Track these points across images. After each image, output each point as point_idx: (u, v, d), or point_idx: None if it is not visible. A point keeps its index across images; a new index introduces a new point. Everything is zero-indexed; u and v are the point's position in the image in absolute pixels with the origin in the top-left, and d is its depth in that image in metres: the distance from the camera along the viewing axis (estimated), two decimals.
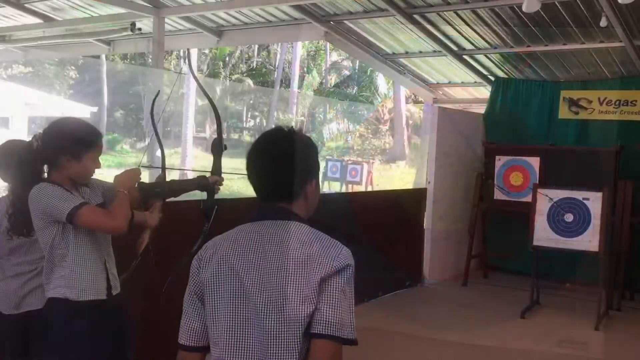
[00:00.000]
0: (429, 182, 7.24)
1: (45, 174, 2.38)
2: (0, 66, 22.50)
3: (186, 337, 1.65)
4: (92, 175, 2.44)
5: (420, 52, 8.12)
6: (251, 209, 1.71)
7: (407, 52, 8.26)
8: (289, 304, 1.52)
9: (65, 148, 2.30)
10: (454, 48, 7.70)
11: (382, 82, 25.59)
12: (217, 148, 3.05)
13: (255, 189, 1.68)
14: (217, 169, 3.01)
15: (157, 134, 3.19)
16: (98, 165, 2.42)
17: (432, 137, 7.27)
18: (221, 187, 3.00)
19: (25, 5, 8.75)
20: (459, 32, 7.22)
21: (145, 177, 2.90)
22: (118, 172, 2.56)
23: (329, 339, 1.51)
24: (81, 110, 18.18)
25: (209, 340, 1.64)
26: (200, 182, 2.92)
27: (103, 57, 22.48)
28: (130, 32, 8.34)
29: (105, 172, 2.79)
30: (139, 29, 8.30)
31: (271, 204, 1.65)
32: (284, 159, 1.63)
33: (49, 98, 16.25)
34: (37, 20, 9.15)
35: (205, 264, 1.62)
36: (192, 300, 1.65)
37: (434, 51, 7.91)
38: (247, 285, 1.56)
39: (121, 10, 8.08)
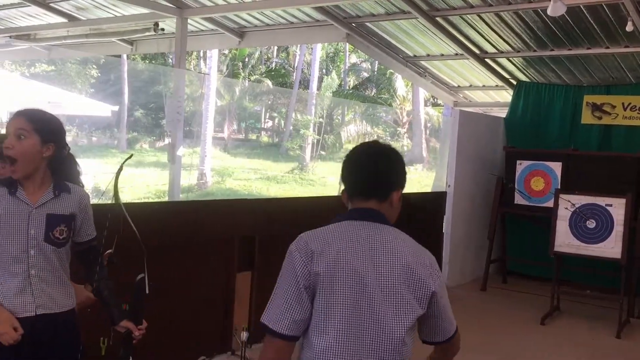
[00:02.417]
0: (448, 186, 7.21)
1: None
2: (24, 64, 22.83)
3: (288, 327, 1.72)
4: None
5: (442, 54, 8.09)
6: (272, 206, 1.72)
7: (428, 55, 8.23)
8: (403, 300, 1.73)
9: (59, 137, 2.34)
10: (476, 51, 7.66)
11: (401, 85, 25.52)
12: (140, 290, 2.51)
13: (350, 187, 1.89)
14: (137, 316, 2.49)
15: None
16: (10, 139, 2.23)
17: (453, 140, 7.24)
18: (240, 187, 2.85)
19: (51, 4, 8.87)
20: (482, 35, 7.19)
21: (165, 177, 2.89)
22: (138, 171, 2.51)
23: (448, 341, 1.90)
24: (102, 109, 18.36)
25: (309, 330, 1.74)
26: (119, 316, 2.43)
27: (124, 56, 22.69)
28: (153, 32, 8.41)
29: (126, 171, 2.77)
30: (162, 29, 8.37)
31: (364, 205, 1.84)
32: (383, 164, 1.88)
33: (71, 96, 16.41)
34: (61, 20, 9.27)
35: (319, 257, 1.73)
36: (300, 293, 1.72)
37: (456, 54, 7.87)
38: (366, 280, 1.72)
39: (144, 11, 8.16)
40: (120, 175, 2.59)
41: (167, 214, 4.39)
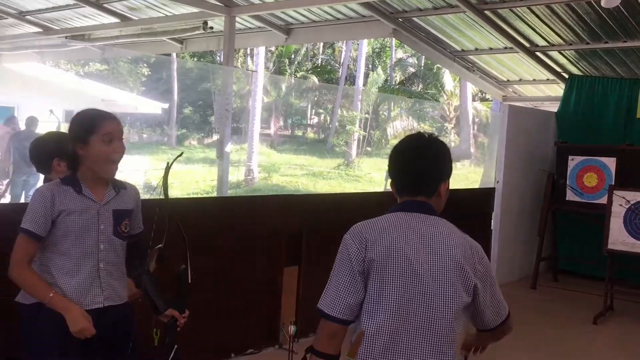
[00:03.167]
0: (497, 182, 7.10)
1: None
2: (79, 64, 23.57)
3: (343, 311, 1.82)
4: (111, 160, 2.33)
5: (491, 48, 7.96)
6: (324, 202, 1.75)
7: (476, 49, 8.12)
8: (453, 287, 1.81)
9: (75, 136, 2.32)
10: (526, 45, 7.51)
11: (448, 80, 25.20)
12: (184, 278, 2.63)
13: (398, 183, 1.96)
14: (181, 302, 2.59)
15: None
16: (117, 149, 2.33)
17: (502, 135, 7.11)
18: (286, 183, 2.87)
19: (104, 5, 9.14)
20: (532, 28, 7.04)
21: (214, 173, 2.94)
22: (187, 167, 2.59)
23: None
24: (153, 107, 18.82)
25: (360, 314, 1.84)
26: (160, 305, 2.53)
27: (174, 55, 23.16)
28: (202, 31, 8.57)
29: (176, 167, 2.84)
30: (211, 28, 8.52)
31: (414, 198, 1.91)
32: (429, 160, 1.93)
33: (123, 95, 16.89)
34: (114, 20, 9.54)
35: (373, 245, 1.83)
36: (354, 278, 1.83)
37: (505, 48, 7.74)
38: (418, 268, 1.81)
39: (194, 10, 8.32)
40: (169, 172, 2.68)
41: (217, 209, 4.49)
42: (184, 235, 2.63)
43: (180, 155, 2.92)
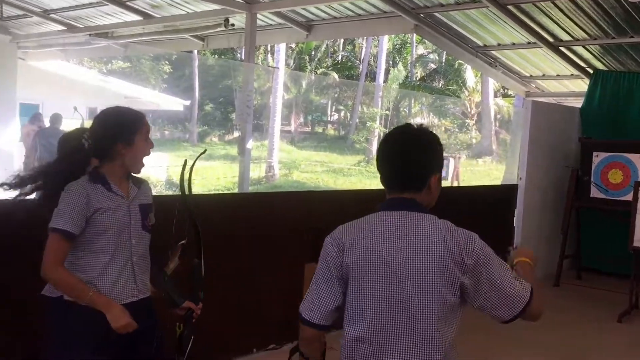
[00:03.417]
0: (520, 179, 7.03)
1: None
2: (101, 61, 23.84)
3: (320, 317, 1.79)
4: (146, 156, 2.42)
5: (514, 44, 7.88)
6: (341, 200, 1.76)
7: (499, 44, 8.05)
8: (435, 289, 1.68)
9: (117, 136, 2.33)
10: (550, 39, 7.42)
11: (470, 76, 24.99)
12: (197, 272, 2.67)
13: (384, 179, 1.84)
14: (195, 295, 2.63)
15: None
16: (151, 145, 2.43)
17: (525, 131, 7.04)
18: (307, 180, 2.88)
19: (127, 3, 9.23)
20: (556, 23, 6.95)
21: (234, 170, 2.98)
22: (208, 163, 2.61)
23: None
24: (175, 104, 18.98)
25: (342, 320, 1.78)
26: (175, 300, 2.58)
27: (195, 52, 23.32)
28: (223, 28, 8.61)
29: (197, 164, 2.89)
30: (232, 25, 8.56)
31: (400, 195, 1.79)
32: (415, 153, 1.80)
33: (145, 92, 17.05)
34: (137, 18, 9.62)
35: (350, 250, 1.75)
36: (332, 283, 1.77)
37: (528, 43, 7.66)
38: (397, 270, 1.71)
39: (215, 7, 8.37)
40: (193, 169, 2.71)
41: (239, 205, 4.52)
42: (198, 229, 2.66)
43: (204, 152, 2.95)
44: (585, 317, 5.81)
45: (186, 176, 2.66)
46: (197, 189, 15.32)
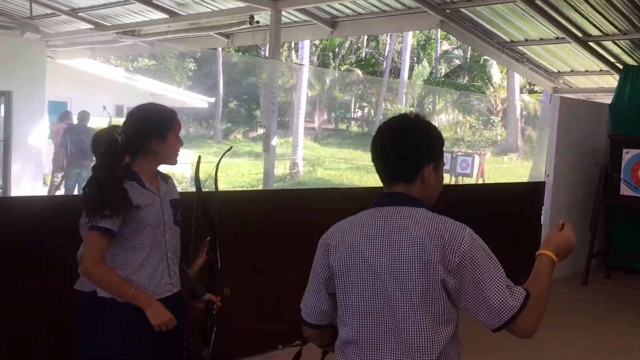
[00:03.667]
0: (547, 176, 6.94)
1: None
2: (127, 59, 24.12)
3: (312, 316, 1.77)
4: (178, 154, 2.47)
5: (541, 39, 7.77)
6: (354, 197, 1.75)
7: (526, 40, 7.94)
8: (419, 289, 1.56)
9: (152, 132, 2.36)
10: (579, 34, 7.30)
11: (495, 72, 24.73)
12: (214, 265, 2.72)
13: (377, 172, 1.75)
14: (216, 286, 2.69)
15: None
16: (181, 143, 2.48)
17: (553, 128, 6.95)
18: (331, 177, 2.90)
19: (154, 1, 9.32)
20: (585, 18, 6.84)
21: (259, 166, 3.02)
22: (232, 160, 2.66)
23: (504, 327, 1.58)
24: (199, 101, 19.12)
25: (335, 320, 1.74)
26: (198, 289, 2.64)
27: (219, 49, 23.44)
28: (248, 25, 8.65)
29: (222, 160, 2.93)
30: (257, 22, 8.58)
31: (391, 189, 1.70)
32: (400, 142, 1.70)
33: (170, 89, 17.22)
34: (163, 16, 9.71)
35: (334, 251, 1.68)
36: (319, 285, 1.74)
37: (557, 38, 7.54)
38: (378, 270, 1.61)
39: (241, 4, 8.40)
40: (216, 166, 2.75)
41: (265, 202, 4.54)
42: (213, 223, 2.69)
43: (230, 149, 2.99)
44: (613, 316, 5.72)
45: (212, 173, 2.70)
46: (222, 185, 15.42)
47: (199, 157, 2.73)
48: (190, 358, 2.55)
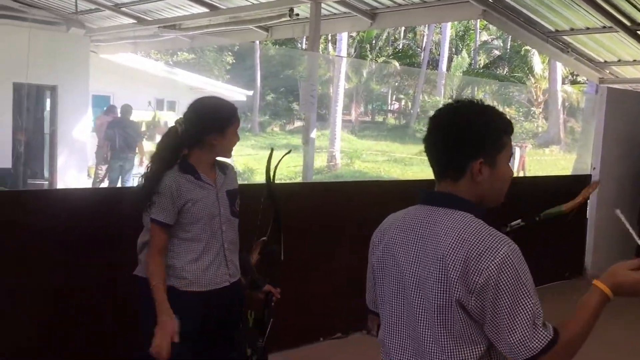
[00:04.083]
0: (593, 169, 6.78)
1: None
2: (167, 53, 24.44)
3: (370, 303, 1.76)
4: (233, 149, 2.51)
5: (587, 28, 7.55)
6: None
7: (572, 29, 7.72)
8: (433, 305, 1.42)
9: (212, 126, 2.39)
10: (627, 23, 7.06)
11: (537, 62, 24.20)
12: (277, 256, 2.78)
13: (429, 162, 1.59)
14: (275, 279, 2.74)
15: None
16: (238, 138, 2.50)
17: (599, 120, 6.78)
18: (369, 169, 2.91)
19: None
20: (634, 6, 6.61)
21: (296, 159, 3.05)
22: (268, 153, 2.74)
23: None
24: (237, 94, 19.24)
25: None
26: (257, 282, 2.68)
27: (257, 42, 23.54)
28: (288, 18, 8.64)
29: (260, 153, 2.97)
30: (297, 15, 8.57)
31: (438, 186, 1.55)
32: (445, 132, 1.51)
33: (209, 83, 17.38)
34: (204, 10, 9.79)
35: (375, 248, 1.64)
36: (369, 275, 1.72)
37: (604, 27, 7.31)
38: (406, 277, 1.50)
39: None
40: (268, 160, 2.81)
41: (306, 194, 4.55)
42: (278, 215, 2.70)
43: (289, 152, 3.07)
44: None
45: (272, 168, 2.75)
46: (260, 178, 15.53)
47: (272, 149, 2.77)
48: (243, 347, 2.59)
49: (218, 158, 2.52)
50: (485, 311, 1.37)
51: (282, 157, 2.85)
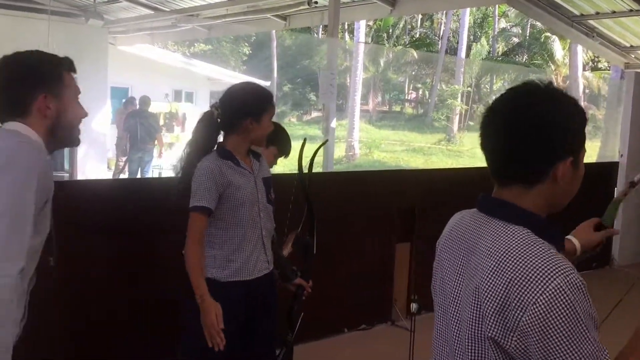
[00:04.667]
0: (621, 156, 6.62)
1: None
2: (184, 44, 24.44)
3: None
4: (266, 137, 2.46)
5: (614, 12, 7.35)
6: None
7: (597, 13, 7.53)
8: (465, 335, 1.20)
9: (248, 111, 2.34)
10: None
11: (557, 48, 23.83)
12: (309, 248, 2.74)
13: (485, 159, 1.27)
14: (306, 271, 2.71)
15: None
16: (272, 127, 2.47)
17: (627, 105, 6.62)
18: (387, 159, 2.86)
19: None
20: None
21: (314, 150, 2.99)
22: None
23: None
24: None
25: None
26: (288, 275, 2.66)
27: (273, 32, 23.42)
28: (306, 6, 8.54)
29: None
30: (315, 2, 8.46)
31: (500, 192, 1.25)
32: (517, 125, 1.19)
33: (226, 73, 17.34)
34: None
35: (436, 254, 1.43)
36: None
37: (630, 10, 7.11)
38: (448, 292, 1.30)
39: None
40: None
41: (328, 185, 4.47)
42: (312, 208, 2.66)
43: (325, 142, 3.05)
44: None
45: (306, 162, 2.76)
46: (279, 168, 15.51)
47: (304, 139, 2.74)
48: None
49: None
50: (531, 354, 1.09)
51: (319, 147, 2.83)
